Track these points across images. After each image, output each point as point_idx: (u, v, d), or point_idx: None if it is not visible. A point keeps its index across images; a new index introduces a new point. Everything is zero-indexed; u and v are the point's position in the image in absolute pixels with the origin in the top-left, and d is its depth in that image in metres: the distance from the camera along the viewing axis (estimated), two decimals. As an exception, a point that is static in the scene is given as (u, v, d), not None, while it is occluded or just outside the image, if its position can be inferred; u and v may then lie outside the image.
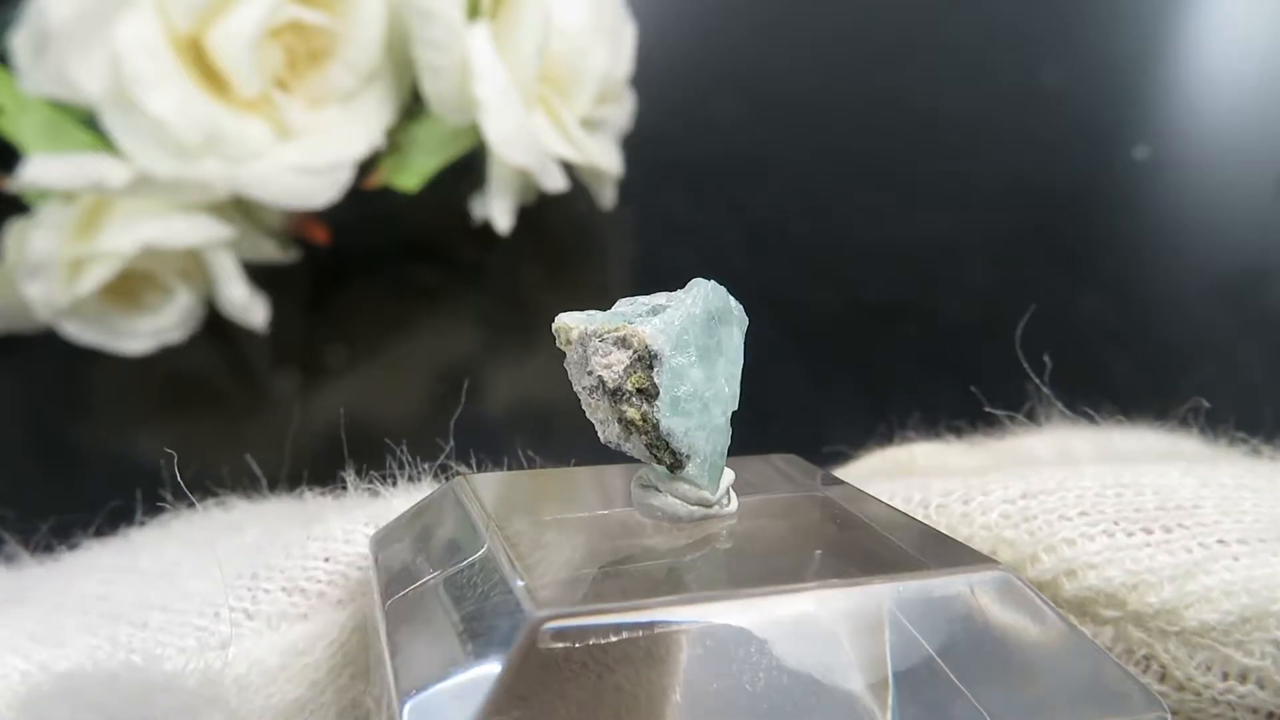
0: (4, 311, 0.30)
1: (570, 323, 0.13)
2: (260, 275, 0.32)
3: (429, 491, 0.16)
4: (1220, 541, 0.14)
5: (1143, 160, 0.41)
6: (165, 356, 0.31)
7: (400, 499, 0.16)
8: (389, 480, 0.17)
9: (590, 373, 0.13)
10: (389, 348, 0.32)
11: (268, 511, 0.17)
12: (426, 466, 0.17)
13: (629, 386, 0.13)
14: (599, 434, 0.13)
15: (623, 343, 0.13)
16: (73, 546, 0.17)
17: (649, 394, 0.13)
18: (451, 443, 0.17)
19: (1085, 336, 0.32)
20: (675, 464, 0.13)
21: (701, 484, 0.13)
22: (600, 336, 0.13)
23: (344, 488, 0.17)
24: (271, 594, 0.15)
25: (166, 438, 0.29)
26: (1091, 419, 0.19)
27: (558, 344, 0.13)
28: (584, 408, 0.13)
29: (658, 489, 0.13)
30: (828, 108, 0.45)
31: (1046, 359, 0.18)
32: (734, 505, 0.14)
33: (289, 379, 0.31)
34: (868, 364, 0.21)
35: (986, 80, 0.46)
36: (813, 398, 0.21)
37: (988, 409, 0.18)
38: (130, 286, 0.30)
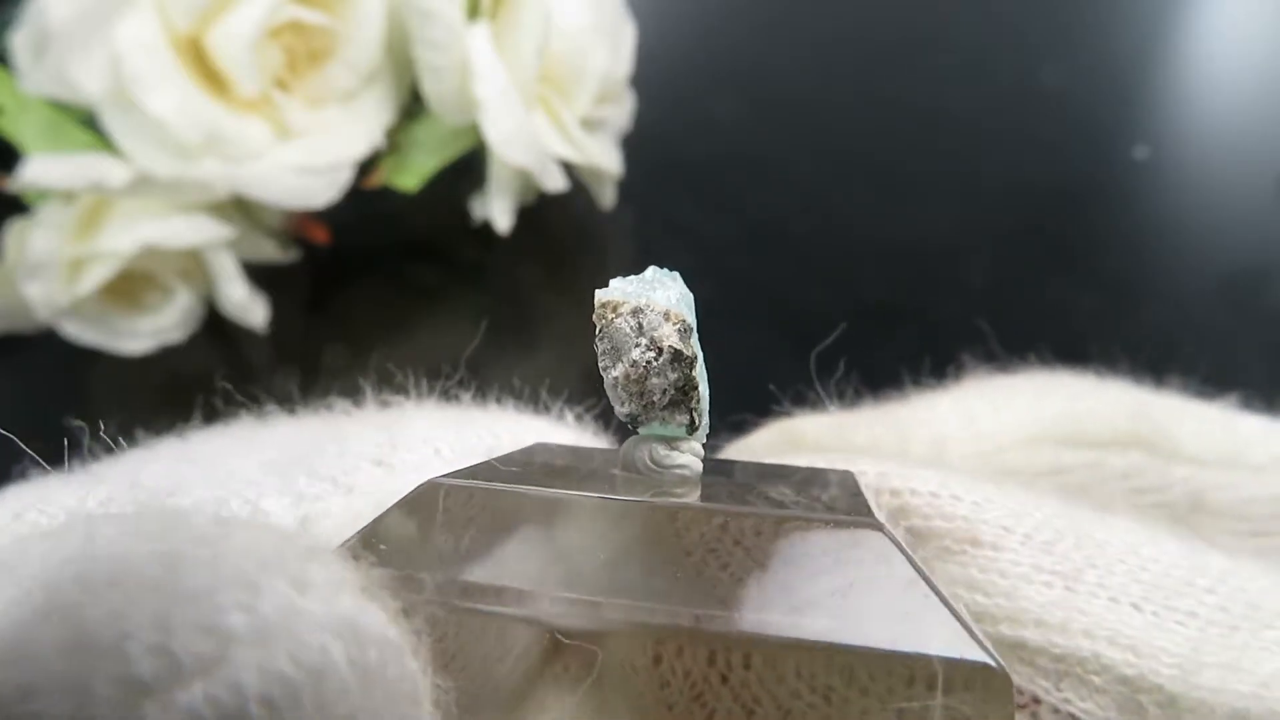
0: (4, 311, 0.30)
1: (619, 296, 0.14)
2: (260, 275, 0.32)
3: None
4: (909, 530, 0.15)
5: (1143, 160, 0.41)
6: (165, 356, 0.31)
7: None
8: None
9: (653, 344, 0.14)
10: (389, 348, 0.32)
11: (301, 416, 0.19)
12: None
13: (693, 353, 0.14)
14: (624, 409, 0.14)
15: (666, 316, 0.14)
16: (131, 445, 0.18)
17: (695, 361, 0.14)
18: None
19: (1085, 336, 0.32)
20: (697, 425, 0.14)
21: (704, 440, 0.15)
22: (653, 310, 0.14)
23: None
24: (295, 476, 0.16)
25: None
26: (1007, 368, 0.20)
27: (599, 317, 0.14)
28: (619, 381, 0.14)
29: (679, 450, 0.14)
30: (828, 108, 0.45)
31: (841, 364, 0.20)
32: None
33: (289, 379, 0.31)
34: (867, 364, 0.21)
35: (986, 80, 0.46)
36: (812, 397, 0.21)
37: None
38: (130, 286, 0.30)
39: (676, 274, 0.14)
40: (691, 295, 0.14)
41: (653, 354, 0.14)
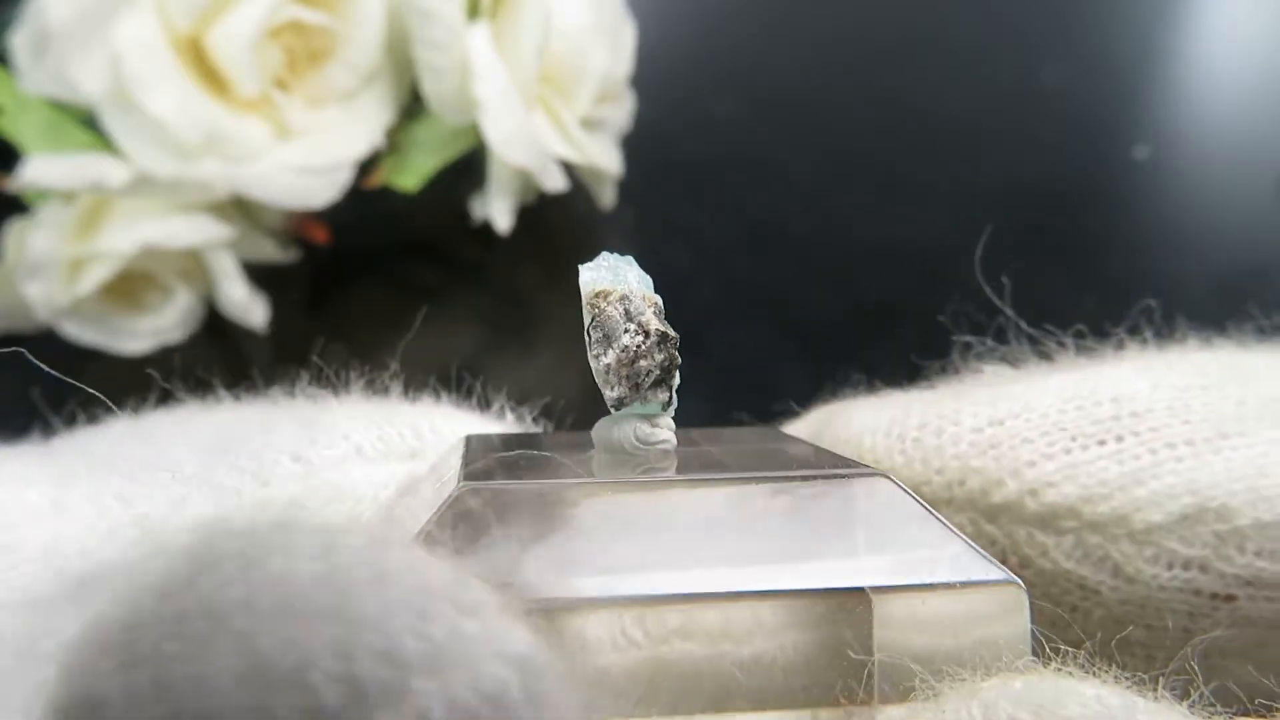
0: (4, 311, 0.30)
1: (608, 285, 0.15)
2: (260, 275, 0.32)
3: None
4: (1168, 445, 0.16)
5: (1143, 160, 0.41)
6: (165, 356, 0.31)
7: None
8: None
9: (641, 328, 0.15)
10: (388, 347, 0.32)
11: (245, 402, 0.19)
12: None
13: (675, 333, 0.15)
14: (614, 394, 0.15)
15: (644, 300, 0.15)
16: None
17: (678, 340, 0.15)
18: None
19: (1084, 336, 0.32)
20: (673, 401, 0.15)
21: (673, 414, 0.16)
22: (635, 296, 0.15)
23: None
24: (219, 467, 0.17)
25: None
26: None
27: (593, 307, 0.15)
28: (611, 366, 0.15)
29: (659, 427, 0.15)
30: (828, 108, 0.45)
31: (1005, 279, 0.20)
32: None
33: (288, 379, 0.31)
34: (868, 364, 0.21)
35: (986, 80, 0.46)
36: (813, 398, 0.21)
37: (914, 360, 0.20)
38: (130, 286, 0.30)
39: (629, 257, 0.15)
40: (649, 276, 0.15)
41: (641, 337, 0.15)
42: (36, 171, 0.28)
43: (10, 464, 0.17)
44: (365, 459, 0.17)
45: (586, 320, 0.15)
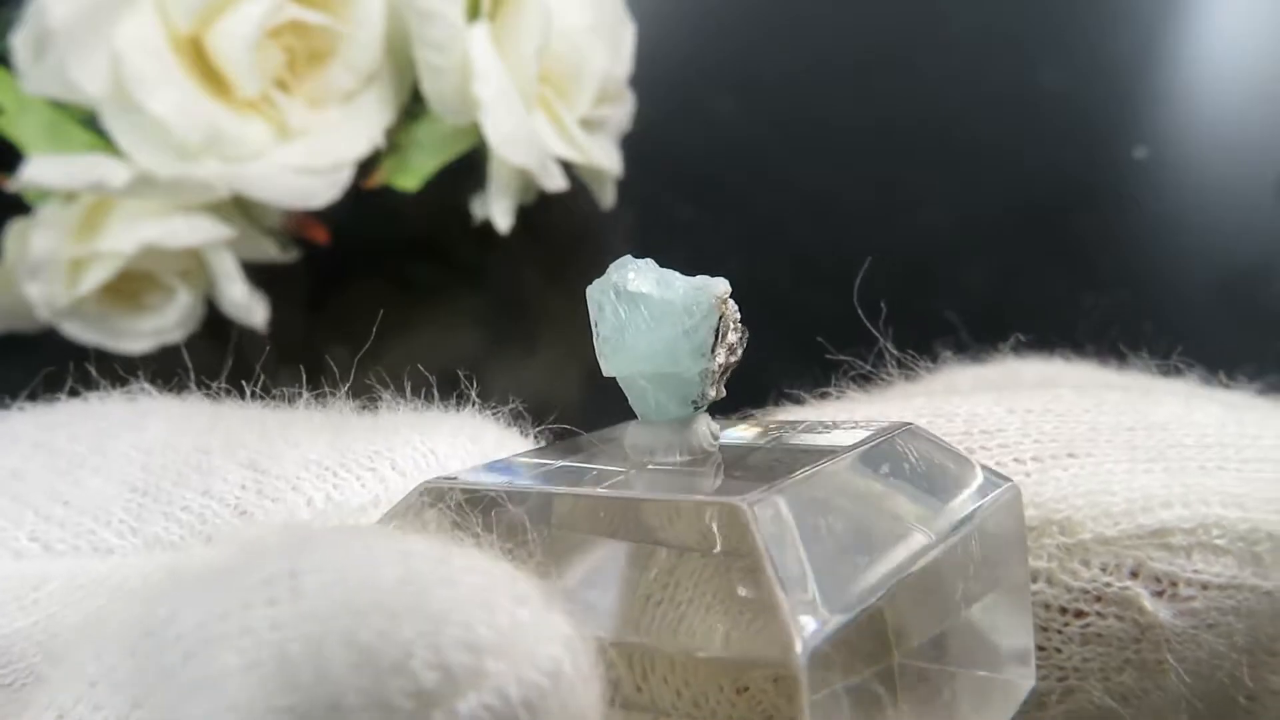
0: (5, 311, 0.30)
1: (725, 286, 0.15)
2: (260, 275, 0.32)
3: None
4: (1016, 460, 0.16)
5: (1143, 160, 0.41)
6: (165, 356, 0.31)
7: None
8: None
9: (736, 326, 0.15)
10: (389, 348, 0.32)
11: (176, 411, 0.18)
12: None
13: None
14: (714, 393, 0.15)
15: None
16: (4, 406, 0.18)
17: None
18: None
19: (1084, 336, 0.32)
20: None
21: None
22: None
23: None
24: (153, 515, 0.16)
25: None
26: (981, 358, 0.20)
27: (724, 305, 0.15)
28: (722, 366, 0.15)
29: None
30: (827, 108, 0.45)
31: (883, 305, 0.20)
32: None
33: (288, 378, 0.31)
34: (868, 364, 0.21)
35: (986, 81, 0.46)
36: (809, 399, 0.21)
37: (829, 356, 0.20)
38: (130, 286, 0.30)
39: (651, 260, 0.16)
40: None
41: (736, 334, 0.15)
42: (37, 171, 0.28)
43: None
44: (316, 511, 0.16)
45: (693, 320, 0.15)
